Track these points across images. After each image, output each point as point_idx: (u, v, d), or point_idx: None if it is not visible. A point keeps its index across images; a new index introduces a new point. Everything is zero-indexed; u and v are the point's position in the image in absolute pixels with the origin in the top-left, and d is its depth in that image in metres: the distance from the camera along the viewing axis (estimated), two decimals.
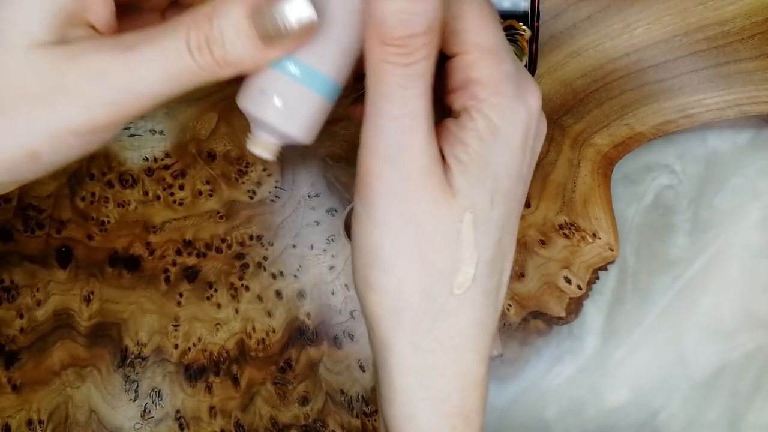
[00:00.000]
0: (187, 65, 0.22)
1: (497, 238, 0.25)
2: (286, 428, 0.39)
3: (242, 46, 0.22)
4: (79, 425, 0.39)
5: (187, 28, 0.22)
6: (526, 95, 0.25)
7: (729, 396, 0.40)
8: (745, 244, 0.41)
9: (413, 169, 0.24)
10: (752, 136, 0.41)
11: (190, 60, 0.22)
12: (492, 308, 0.26)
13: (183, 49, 0.22)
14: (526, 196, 0.39)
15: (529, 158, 0.26)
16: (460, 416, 0.27)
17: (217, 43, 0.22)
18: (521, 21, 0.38)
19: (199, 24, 0.22)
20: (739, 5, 0.39)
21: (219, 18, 0.22)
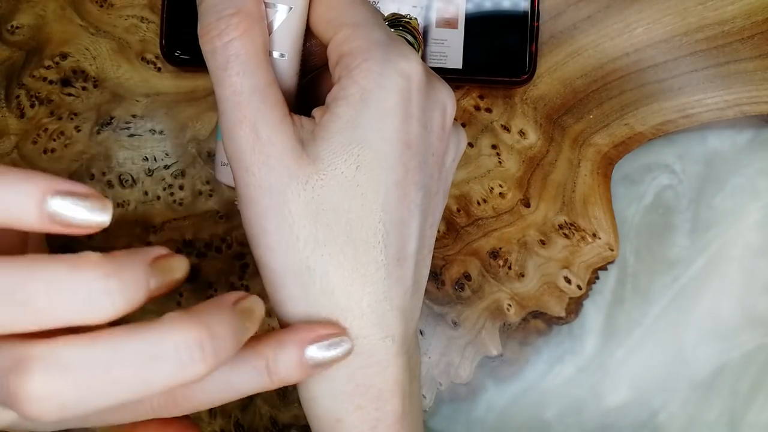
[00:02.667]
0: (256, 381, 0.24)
1: (381, 201, 0.25)
2: (286, 428, 0.39)
3: (295, 375, 0.24)
4: None
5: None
6: (398, 60, 0.25)
7: (729, 396, 0.40)
8: (745, 244, 0.41)
9: (254, 143, 0.25)
10: (752, 136, 0.41)
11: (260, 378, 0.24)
12: (396, 280, 0.26)
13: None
14: (526, 196, 0.39)
15: (416, 125, 0.26)
16: (366, 396, 0.26)
17: (277, 372, 0.24)
18: (520, 21, 0.38)
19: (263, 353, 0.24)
20: (739, 5, 0.39)
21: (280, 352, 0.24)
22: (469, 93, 0.39)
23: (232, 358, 0.22)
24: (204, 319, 0.20)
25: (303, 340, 0.24)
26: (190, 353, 0.19)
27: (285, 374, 0.24)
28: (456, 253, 0.39)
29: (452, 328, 0.39)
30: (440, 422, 0.40)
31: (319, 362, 0.24)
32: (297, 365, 0.24)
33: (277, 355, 0.24)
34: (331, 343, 0.24)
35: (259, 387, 0.24)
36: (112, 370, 0.19)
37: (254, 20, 0.25)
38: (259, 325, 0.23)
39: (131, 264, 0.19)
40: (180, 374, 0.19)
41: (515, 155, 0.39)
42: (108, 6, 0.38)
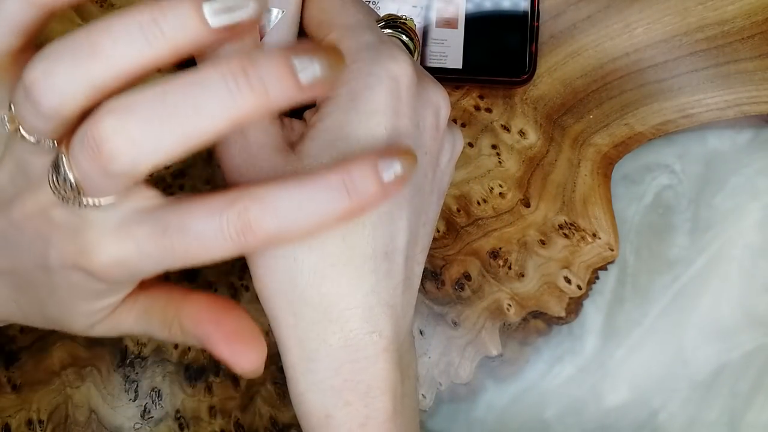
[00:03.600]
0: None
1: None
2: (286, 428, 0.39)
3: (373, 188, 0.22)
4: (79, 425, 0.39)
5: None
6: (386, 61, 0.25)
7: (729, 396, 0.40)
8: (745, 244, 0.41)
9: (242, 145, 0.25)
10: (752, 136, 0.41)
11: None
12: (384, 275, 0.26)
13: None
14: (526, 196, 0.39)
15: (406, 124, 0.26)
16: (355, 392, 0.26)
17: (355, 188, 0.22)
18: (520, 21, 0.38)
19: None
20: (739, 5, 0.39)
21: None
22: (469, 93, 0.39)
23: (305, 178, 0.21)
24: (250, 53, 0.20)
25: (374, 156, 0.22)
26: (235, 79, 0.19)
27: (364, 192, 0.21)
28: (456, 253, 0.39)
29: (452, 328, 0.39)
30: (440, 422, 0.40)
31: (394, 180, 0.22)
32: (376, 181, 0.22)
33: (353, 172, 0.22)
34: (397, 158, 0.22)
35: (338, 210, 0.22)
36: (167, 99, 0.19)
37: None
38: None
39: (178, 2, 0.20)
40: (230, 102, 0.19)
41: (515, 155, 0.39)
42: (108, 6, 0.38)
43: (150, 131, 0.19)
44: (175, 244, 0.22)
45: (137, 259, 0.22)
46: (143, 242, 0.22)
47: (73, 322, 0.27)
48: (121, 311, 0.27)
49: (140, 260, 0.22)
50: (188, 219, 0.22)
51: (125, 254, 0.22)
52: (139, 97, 0.20)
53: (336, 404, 0.26)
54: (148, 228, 0.22)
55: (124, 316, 0.28)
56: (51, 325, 0.28)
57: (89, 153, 0.20)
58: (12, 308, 0.27)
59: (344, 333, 0.25)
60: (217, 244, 0.21)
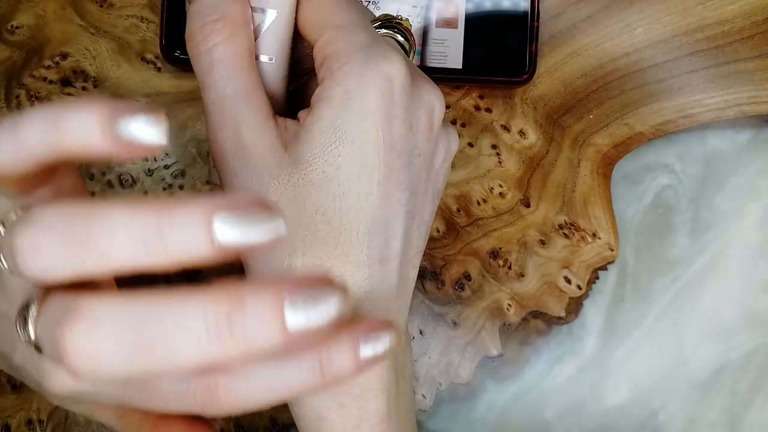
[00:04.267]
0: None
1: (363, 201, 0.25)
2: (286, 428, 0.39)
3: (350, 371, 0.22)
4: (79, 425, 0.39)
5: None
6: (380, 61, 0.25)
7: (729, 396, 0.40)
8: (745, 244, 0.41)
9: (237, 145, 0.25)
10: (752, 136, 0.41)
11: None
12: (379, 280, 0.26)
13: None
14: (526, 196, 0.39)
15: (400, 125, 0.25)
16: (349, 394, 0.26)
17: (330, 370, 0.22)
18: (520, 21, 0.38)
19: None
20: (739, 5, 0.39)
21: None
22: (469, 93, 0.39)
23: (280, 357, 0.21)
24: (241, 294, 0.18)
25: (355, 334, 0.22)
26: (217, 326, 0.18)
27: (338, 371, 0.21)
28: (456, 253, 0.39)
29: (452, 328, 0.39)
30: (440, 422, 0.40)
31: (371, 358, 0.22)
32: (352, 361, 0.21)
33: (330, 351, 0.21)
34: (379, 335, 0.22)
35: (309, 386, 0.22)
36: (140, 332, 0.18)
37: (239, 25, 0.25)
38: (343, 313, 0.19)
39: (188, 205, 0.18)
40: (206, 349, 0.18)
41: (515, 155, 0.39)
42: (108, 6, 0.38)
43: (117, 352, 0.18)
44: (135, 398, 0.21)
45: (93, 395, 0.22)
46: (102, 388, 0.22)
47: (44, 393, 0.27)
48: (97, 406, 0.27)
49: (97, 396, 0.22)
50: (154, 379, 0.21)
51: (81, 390, 0.22)
52: (113, 309, 0.18)
53: (329, 406, 0.26)
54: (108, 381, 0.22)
55: (99, 411, 0.27)
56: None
57: (53, 350, 0.19)
58: None
59: None
60: (179, 405, 0.21)
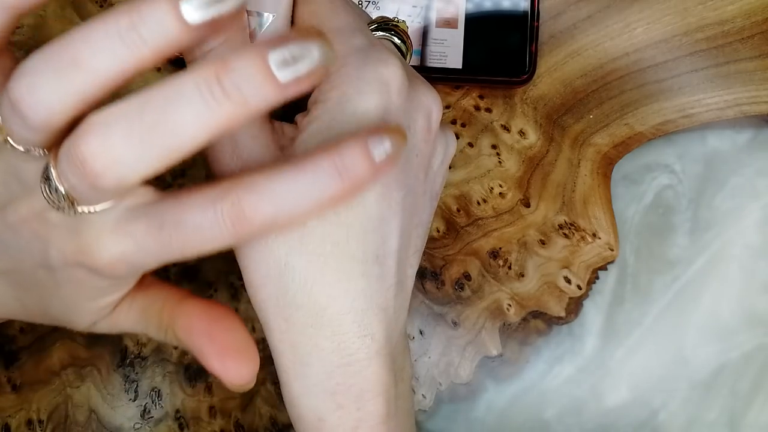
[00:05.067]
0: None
1: (358, 199, 0.25)
2: (286, 428, 0.39)
3: (366, 170, 0.22)
4: (79, 425, 0.39)
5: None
6: (376, 64, 0.25)
7: (729, 396, 0.40)
8: (745, 244, 0.41)
9: (233, 150, 0.25)
10: (752, 136, 0.41)
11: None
12: (375, 279, 0.26)
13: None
14: (526, 196, 0.39)
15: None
16: (348, 395, 0.26)
17: (345, 169, 0.22)
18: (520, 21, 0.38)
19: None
20: (738, 5, 0.39)
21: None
22: (469, 93, 0.39)
23: (296, 164, 0.21)
24: (224, 57, 0.19)
25: (362, 136, 0.21)
26: (210, 88, 0.19)
27: (355, 173, 0.21)
28: (456, 253, 0.39)
29: (452, 328, 0.39)
30: (440, 422, 0.40)
31: (384, 159, 0.21)
32: (366, 161, 0.21)
33: (343, 154, 0.21)
34: (386, 136, 0.21)
35: (332, 193, 0.21)
36: (144, 119, 0.19)
37: (234, 29, 0.25)
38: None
39: (151, 1, 0.19)
40: (206, 113, 0.19)
41: (515, 155, 0.39)
42: (108, 6, 0.38)
43: (131, 147, 0.19)
44: (173, 238, 0.22)
45: (137, 254, 0.22)
46: (141, 239, 0.22)
47: (76, 319, 0.27)
48: (121, 310, 0.27)
49: (140, 255, 0.22)
50: (183, 213, 0.22)
51: (125, 250, 0.22)
52: (118, 111, 0.20)
53: (328, 408, 0.26)
54: (145, 224, 0.22)
55: (124, 315, 0.28)
56: (54, 322, 0.28)
57: (75, 170, 0.20)
58: (15, 306, 0.27)
59: (336, 337, 0.25)
60: (213, 235, 0.21)
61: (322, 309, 0.25)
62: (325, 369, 0.26)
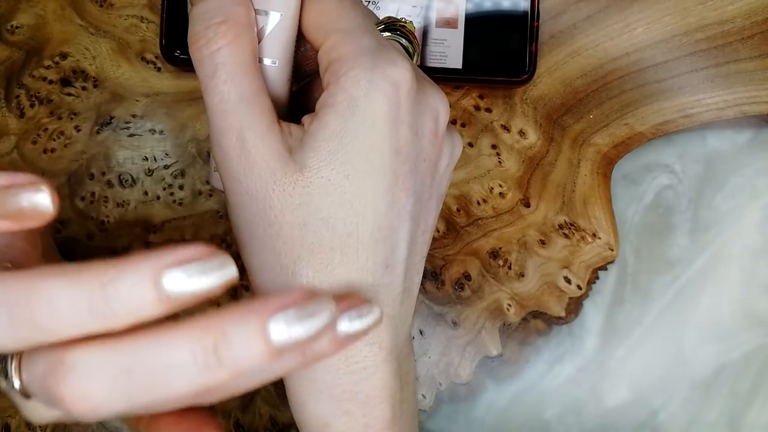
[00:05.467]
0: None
1: (370, 209, 0.25)
2: (286, 428, 0.39)
3: (330, 350, 0.22)
4: (79, 425, 0.39)
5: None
6: (386, 66, 0.25)
7: (729, 396, 0.40)
8: (745, 244, 0.41)
9: (241, 151, 0.25)
10: (752, 136, 0.41)
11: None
12: (384, 287, 0.26)
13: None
14: (526, 196, 0.39)
15: (406, 131, 0.25)
16: (354, 401, 0.26)
17: (311, 350, 0.22)
18: (520, 21, 0.38)
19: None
20: (739, 5, 0.39)
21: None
22: (469, 93, 0.39)
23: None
24: (224, 325, 0.18)
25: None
26: (205, 358, 0.18)
27: (318, 351, 0.22)
28: (456, 253, 0.39)
29: (452, 328, 0.39)
30: (440, 422, 0.40)
31: (350, 335, 0.23)
32: (330, 341, 0.22)
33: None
34: (360, 312, 0.23)
35: (293, 367, 0.22)
36: (133, 376, 0.18)
37: (243, 28, 0.25)
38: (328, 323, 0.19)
39: (132, 269, 0.18)
40: (201, 380, 0.18)
41: (515, 155, 0.39)
42: (108, 6, 0.38)
43: (114, 396, 0.18)
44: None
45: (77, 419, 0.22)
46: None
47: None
48: None
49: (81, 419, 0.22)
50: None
51: (60, 417, 0.22)
52: (104, 357, 0.18)
53: (335, 414, 0.26)
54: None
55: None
56: None
57: (47, 399, 0.19)
58: None
59: None
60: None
61: None
62: (332, 376, 0.26)
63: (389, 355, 0.26)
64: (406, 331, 0.28)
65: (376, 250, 0.25)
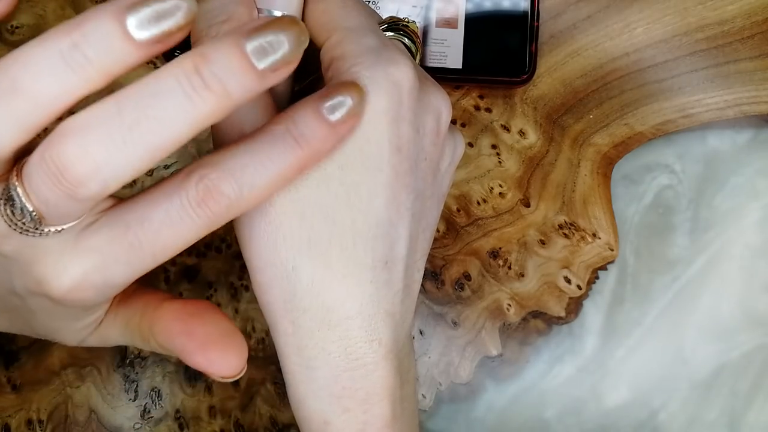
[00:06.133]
0: None
1: (367, 202, 0.25)
2: (286, 428, 0.39)
3: (321, 134, 0.22)
4: (79, 425, 0.39)
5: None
6: (387, 65, 0.25)
7: (729, 396, 0.40)
8: (745, 244, 0.41)
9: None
10: (752, 136, 0.41)
11: None
12: (383, 284, 0.25)
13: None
14: (526, 196, 0.39)
15: (407, 129, 0.25)
16: (354, 399, 0.26)
17: (303, 135, 0.22)
18: (520, 21, 0.38)
19: None
20: (739, 5, 0.39)
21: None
22: (469, 93, 0.39)
23: (252, 135, 0.21)
24: (201, 48, 0.18)
25: (315, 99, 0.22)
26: (190, 81, 0.18)
27: (311, 136, 0.21)
28: (456, 252, 0.39)
29: (452, 327, 0.39)
30: (440, 422, 0.40)
31: (340, 119, 0.22)
32: (321, 125, 0.22)
33: (296, 120, 0.21)
34: (343, 94, 0.22)
35: (294, 160, 0.21)
36: (125, 117, 0.18)
37: (243, 21, 0.24)
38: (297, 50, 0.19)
39: (94, 14, 0.18)
40: (189, 108, 0.18)
41: (515, 155, 0.39)
42: None
43: (114, 150, 0.18)
44: (142, 239, 0.21)
45: (104, 271, 0.21)
46: (107, 249, 0.21)
47: (61, 338, 0.27)
48: (106, 325, 0.27)
49: (107, 272, 0.21)
50: (147, 209, 0.21)
51: (88, 270, 0.21)
52: (95, 114, 0.19)
53: (335, 411, 0.26)
54: (108, 232, 0.21)
55: (110, 330, 0.27)
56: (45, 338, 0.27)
57: (52, 181, 0.19)
58: (4, 324, 0.27)
59: (344, 341, 0.25)
60: (184, 225, 0.21)
61: (329, 313, 0.25)
62: (332, 373, 0.26)
63: (389, 353, 0.26)
64: (406, 329, 0.28)
65: (375, 245, 0.25)
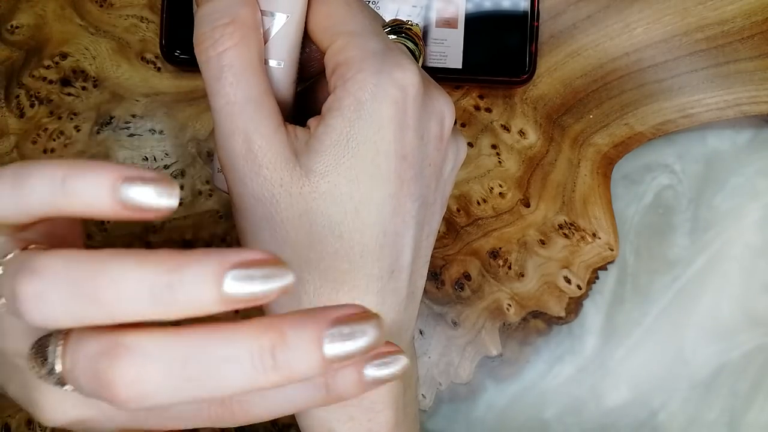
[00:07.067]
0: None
1: (375, 215, 0.25)
2: (286, 428, 0.39)
3: (354, 392, 0.23)
4: None
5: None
6: (393, 70, 0.25)
7: (729, 396, 0.40)
8: (745, 244, 0.41)
9: (247, 153, 0.24)
10: (752, 136, 0.41)
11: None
12: (390, 293, 0.26)
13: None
14: (526, 196, 0.39)
15: (412, 136, 0.25)
16: (359, 407, 0.26)
17: (336, 389, 0.23)
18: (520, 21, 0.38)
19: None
20: (738, 5, 0.39)
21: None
22: (469, 93, 0.39)
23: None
24: (283, 328, 0.19)
25: (361, 362, 0.23)
26: (262, 359, 0.18)
27: (343, 391, 0.22)
28: (456, 253, 0.39)
29: (452, 327, 0.39)
30: (440, 422, 0.40)
31: (377, 379, 0.23)
32: (356, 383, 0.22)
33: (336, 372, 0.22)
34: (387, 361, 0.23)
35: (315, 402, 0.23)
36: (189, 366, 0.18)
37: (249, 29, 0.24)
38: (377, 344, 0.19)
39: (198, 262, 0.18)
40: (252, 380, 0.19)
41: (515, 155, 0.39)
42: (108, 6, 0.38)
43: (165, 388, 0.18)
44: (147, 419, 0.21)
45: (104, 422, 0.22)
46: (109, 411, 0.21)
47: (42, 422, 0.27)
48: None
49: (103, 424, 0.22)
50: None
51: (88, 419, 0.21)
52: (160, 344, 0.18)
53: (339, 419, 0.26)
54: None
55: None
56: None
57: (93, 381, 0.19)
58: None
59: None
60: (192, 422, 0.22)
61: None
62: None
63: None
64: (409, 335, 0.28)
65: (382, 256, 0.25)
